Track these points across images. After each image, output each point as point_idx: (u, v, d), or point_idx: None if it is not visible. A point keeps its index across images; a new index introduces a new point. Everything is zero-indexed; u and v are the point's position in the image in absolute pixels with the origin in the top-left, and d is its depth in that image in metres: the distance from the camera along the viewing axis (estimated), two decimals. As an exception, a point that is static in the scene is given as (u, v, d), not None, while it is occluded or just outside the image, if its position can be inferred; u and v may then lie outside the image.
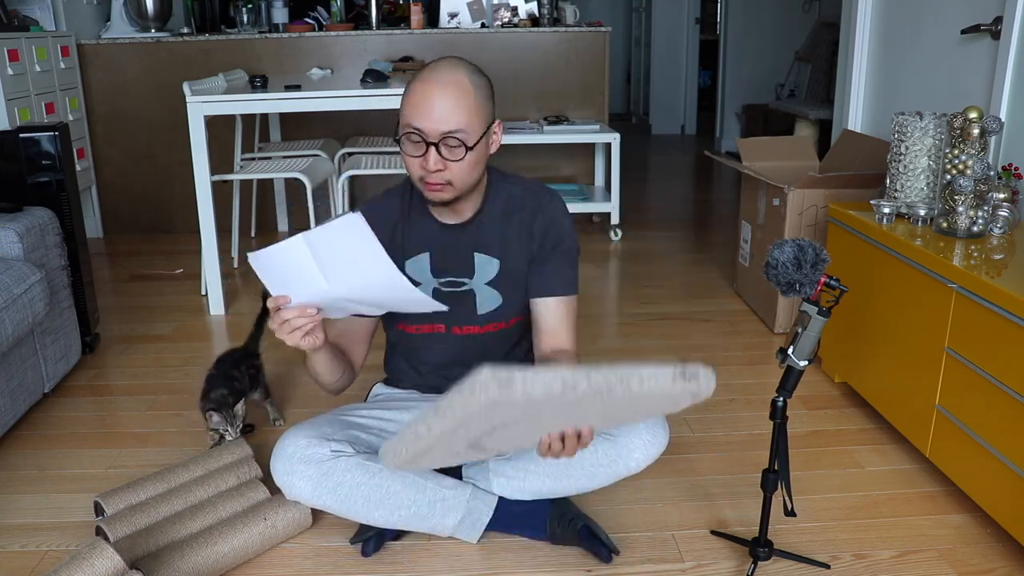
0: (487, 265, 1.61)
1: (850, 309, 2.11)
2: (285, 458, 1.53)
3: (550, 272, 1.61)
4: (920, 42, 2.67)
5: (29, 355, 2.15)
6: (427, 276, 1.62)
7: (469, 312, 1.63)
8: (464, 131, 1.44)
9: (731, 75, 6.83)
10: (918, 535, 1.67)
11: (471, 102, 1.45)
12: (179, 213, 4.11)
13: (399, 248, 1.61)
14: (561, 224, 1.61)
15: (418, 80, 1.46)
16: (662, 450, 1.60)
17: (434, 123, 1.42)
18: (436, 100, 1.42)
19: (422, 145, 1.44)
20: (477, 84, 1.47)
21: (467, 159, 1.46)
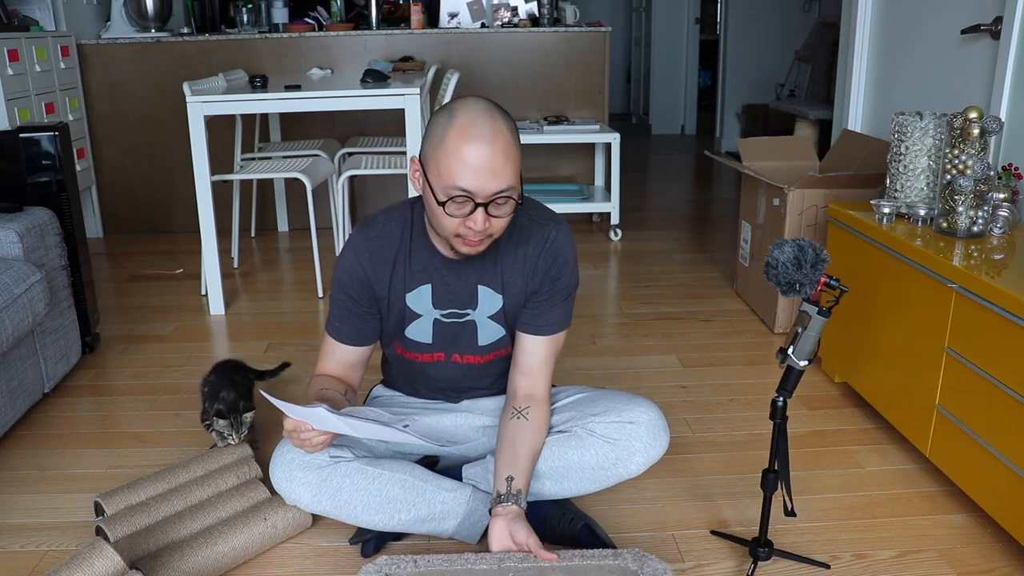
0: (491, 299, 1.57)
1: (850, 309, 2.11)
2: (284, 464, 1.53)
3: (543, 310, 1.57)
4: (920, 42, 2.67)
5: (29, 355, 2.15)
6: (427, 307, 1.58)
7: (471, 342, 1.61)
8: (513, 187, 1.36)
9: (731, 75, 6.84)
10: (918, 535, 1.67)
11: (516, 155, 1.36)
12: (179, 213, 4.12)
13: (400, 280, 1.56)
14: (565, 260, 1.56)
15: (458, 134, 1.33)
16: (662, 453, 1.60)
17: (487, 184, 1.33)
18: (486, 157, 1.32)
19: (469, 204, 1.35)
20: (513, 129, 1.38)
21: (511, 212, 1.40)
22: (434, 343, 1.62)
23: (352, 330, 1.60)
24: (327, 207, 4.00)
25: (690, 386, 2.36)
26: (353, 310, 1.58)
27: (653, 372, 2.44)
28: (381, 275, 1.55)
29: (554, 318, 1.58)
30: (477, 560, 1.43)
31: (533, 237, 1.54)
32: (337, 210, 3.45)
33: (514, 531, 1.42)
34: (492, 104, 1.39)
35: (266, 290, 3.30)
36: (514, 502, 1.45)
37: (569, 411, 1.65)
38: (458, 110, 1.36)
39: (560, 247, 1.55)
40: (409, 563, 1.42)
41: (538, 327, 1.58)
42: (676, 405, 2.22)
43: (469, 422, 1.71)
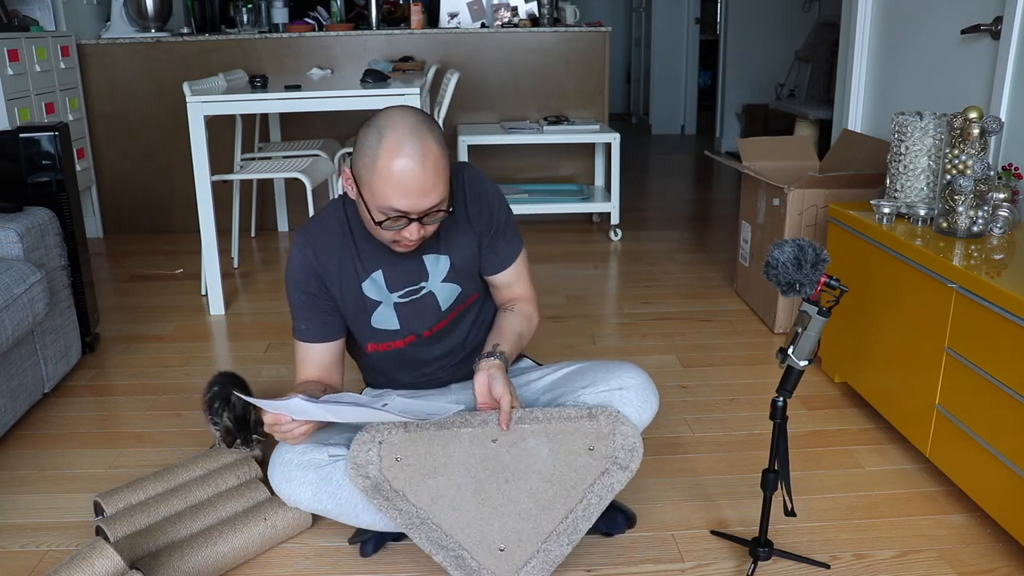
0: (437, 264, 1.61)
1: (850, 309, 2.11)
2: (283, 465, 1.53)
3: (498, 251, 1.64)
4: (920, 42, 2.67)
5: (29, 355, 2.15)
6: (384, 293, 1.60)
7: (435, 312, 1.64)
8: (444, 199, 1.42)
9: (731, 75, 6.83)
10: (918, 535, 1.67)
11: (444, 166, 1.40)
12: (179, 213, 4.12)
13: (352, 273, 1.59)
14: (489, 195, 1.61)
15: (387, 157, 1.36)
16: (653, 414, 1.60)
17: (420, 203, 1.39)
18: (418, 179, 1.36)
19: (403, 221, 1.41)
20: (439, 138, 1.41)
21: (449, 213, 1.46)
22: (401, 327, 1.64)
23: (318, 326, 1.61)
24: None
25: (690, 386, 2.36)
26: (314, 305, 1.60)
27: (653, 372, 2.41)
28: (330, 268, 1.58)
29: (512, 247, 1.66)
30: (463, 423, 1.49)
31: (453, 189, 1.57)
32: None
33: (492, 384, 1.48)
34: (418, 118, 1.41)
35: (266, 290, 3.30)
36: (497, 358, 1.51)
37: (559, 387, 1.66)
38: (386, 129, 1.38)
39: (474, 184, 1.60)
40: (399, 430, 1.49)
41: (499, 265, 1.65)
42: (676, 405, 2.22)
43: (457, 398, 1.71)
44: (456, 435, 1.48)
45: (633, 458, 1.47)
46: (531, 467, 1.45)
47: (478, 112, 4.22)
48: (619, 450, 1.47)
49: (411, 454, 1.47)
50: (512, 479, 1.45)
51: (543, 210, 3.96)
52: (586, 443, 1.48)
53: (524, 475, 1.45)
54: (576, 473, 1.45)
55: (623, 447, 1.47)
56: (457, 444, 1.48)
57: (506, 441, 1.47)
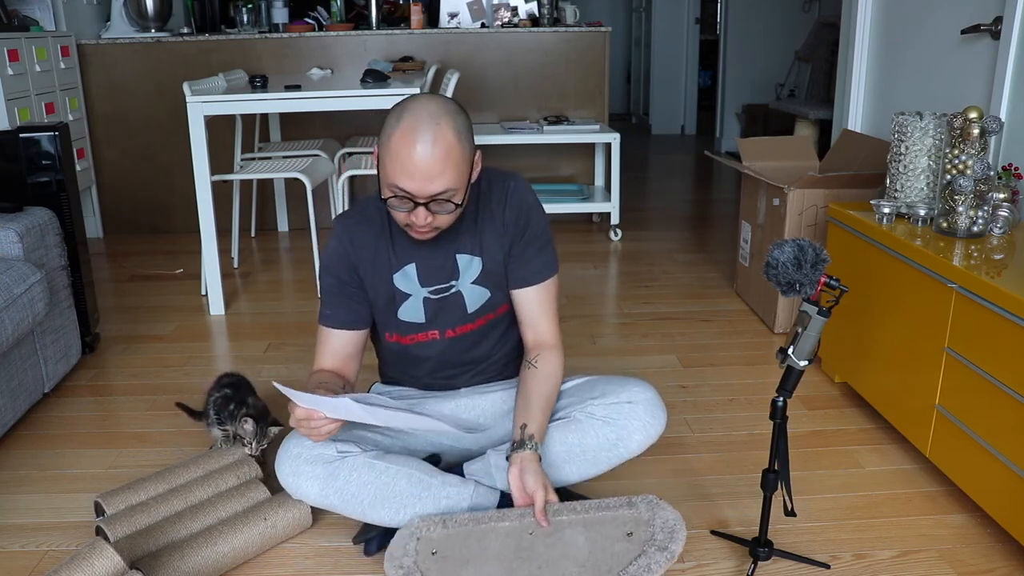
0: (470, 265, 1.61)
1: (850, 309, 2.11)
2: (291, 459, 1.54)
3: (526, 262, 1.62)
4: (920, 42, 2.67)
5: (29, 355, 2.15)
6: (415, 287, 1.62)
7: (461, 313, 1.65)
8: (453, 189, 1.42)
9: (731, 75, 6.84)
10: (918, 535, 1.67)
11: (458, 157, 1.41)
12: (179, 213, 4.11)
13: (385, 263, 1.61)
14: (529, 206, 1.61)
15: (400, 136, 1.39)
16: (661, 430, 1.62)
17: (425, 186, 1.40)
18: (424, 162, 1.38)
19: (409, 203, 1.42)
20: (460, 130, 1.42)
21: (459, 207, 1.46)
22: (427, 322, 1.65)
23: (345, 313, 1.63)
24: (327, 207, 4.00)
25: (690, 386, 2.36)
26: (343, 292, 1.62)
27: (653, 372, 2.44)
28: (364, 257, 1.60)
29: (540, 265, 1.63)
30: (500, 517, 1.50)
31: (494, 194, 1.60)
32: (337, 210, 3.45)
33: (525, 479, 1.47)
34: (443, 105, 1.43)
35: (266, 290, 3.30)
36: (528, 447, 1.51)
37: (567, 398, 1.67)
38: (407, 111, 1.41)
39: (521, 195, 1.61)
40: (438, 525, 1.50)
41: (526, 278, 1.63)
42: (676, 405, 2.22)
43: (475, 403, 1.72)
44: (493, 529, 1.49)
45: (673, 540, 1.42)
46: (566, 554, 1.44)
47: (478, 112, 4.22)
48: (658, 532, 1.44)
49: (447, 548, 1.47)
50: (546, 566, 1.42)
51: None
52: (624, 529, 1.47)
53: (558, 562, 1.43)
54: (613, 558, 1.42)
55: (663, 529, 1.45)
56: (494, 537, 1.48)
57: (542, 532, 1.47)
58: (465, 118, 1.45)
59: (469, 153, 1.44)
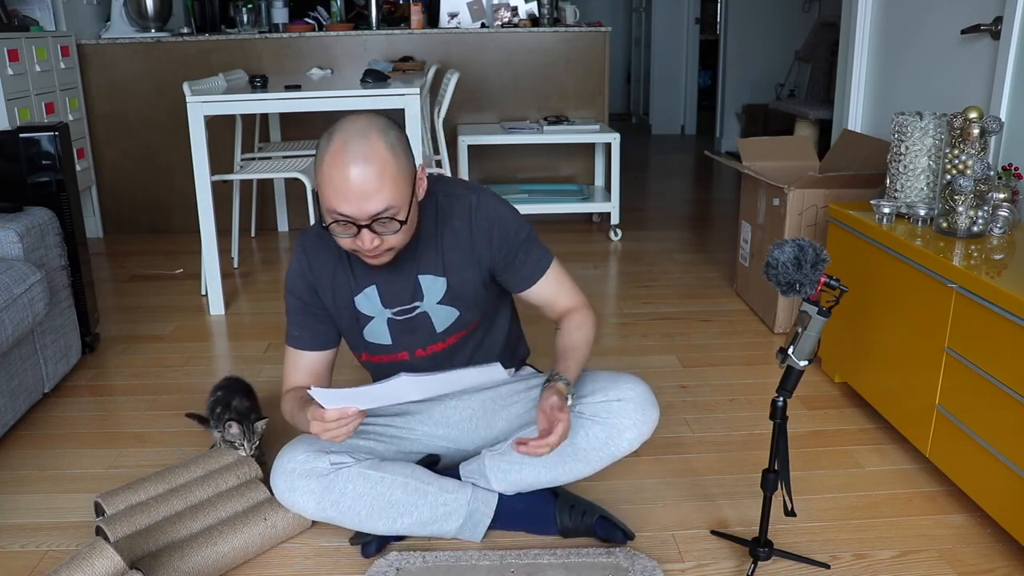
0: (433, 285, 1.57)
1: (850, 309, 2.11)
2: (286, 474, 1.54)
3: (519, 267, 1.58)
4: (920, 42, 2.67)
5: (29, 355, 2.15)
6: (378, 308, 1.58)
7: (429, 333, 1.61)
8: (393, 206, 1.36)
9: (731, 75, 6.83)
10: (918, 535, 1.67)
11: (394, 171, 1.35)
12: (179, 213, 4.11)
13: (345, 286, 1.57)
14: (499, 217, 1.55)
15: (331, 158, 1.33)
16: (653, 427, 1.60)
17: (363, 207, 1.34)
18: (358, 181, 1.32)
19: (352, 227, 1.37)
20: (393, 144, 1.36)
21: (404, 224, 1.39)
22: (394, 343, 1.61)
23: (312, 334, 1.61)
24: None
25: (690, 386, 2.36)
26: (308, 313, 1.60)
27: (653, 372, 2.44)
28: (323, 279, 1.57)
29: (534, 261, 1.59)
30: (480, 556, 1.51)
31: (455, 211, 1.54)
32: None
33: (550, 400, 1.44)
34: (371, 122, 1.37)
35: (266, 290, 3.30)
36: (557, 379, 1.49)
37: None
38: (336, 131, 1.36)
39: (487, 210, 1.54)
40: (418, 559, 1.52)
41: (528, 277, 1.60)
42: (676, 405, 2.22)
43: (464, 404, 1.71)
44: (473, 567, 1.50)
45: None
46: None
47: (478, 112, 4.22)
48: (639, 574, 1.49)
49: None
50: None
51: (543, 210, 3.96)
52: (604, 572, 1.50)
53: None
54: None
55: (642, 572, 1.49)
56: (474, 573, 1.49)
57: (523, 571, 1.48)
58: (398, 132, 1.40)
59: (407, 167, 1.38)
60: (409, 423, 1.69)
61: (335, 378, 1.71)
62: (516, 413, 1.69)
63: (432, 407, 1.71)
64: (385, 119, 1.40)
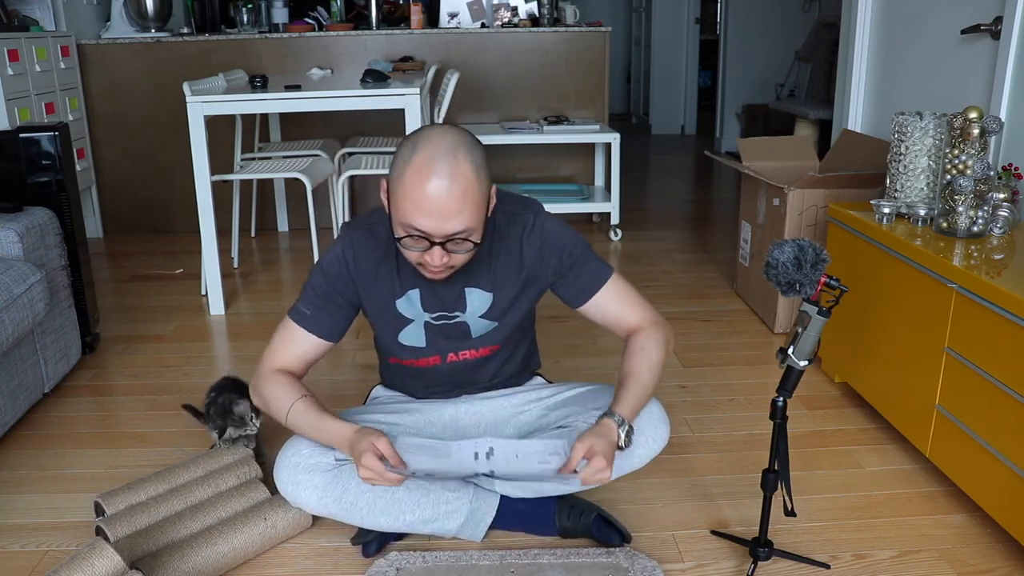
0: (480, 299, 1.56)
1: (850, 309, 2.11)
2: (289, 468, 1.53)
3: (574, 279, 1.56)
4: (920, 42, 2.67)
5: (29, 355, 2.15)
6: (418, 311, 1.57)
7: (464, 339, 1.61)
8: (471, 228, 1.35)
9: (731, 75, 6.83)
10: (918, 535, 1.67)
11: (476, 194, 1.33)
12: (179, 213, 4.11)
13: (387, 287, 1.55)
14: (554, 236, 1.55)
15: (415, 171, 1.31)
16: (663, 445, 1.61)
17: (442, 226, 1.32)
18: (441, 199, 1.30)
19: (425, 242, 1.35)
20: (478, 165, 1.34)
21: (477, 246, 1.39)
22: (428, 347, 1.61)
23: (326, 320, 1.55)
24: (327, 207, 4.00)
25: (690, 386, 2.36)
26: (331, 300, 1.54)
27: (653, 372, 2.44)
28: (365, 275, 1.54)
29: (589, 275, 1.57)
30: (481, 556, 1.52)
31: (512, 229, 1.53)
32: (337, 210, 3.45)
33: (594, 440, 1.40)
34: (459, 137, 1.35)
35: (266, 290, 3.30)
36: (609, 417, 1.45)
37: (570, 406, 1.66)
38: (420, 144, 1.33)
39: (541, 229, 1.54)
40: (418, 558, 1.52)
41: (583, 290, 1.57)
42: (676, 405, 2.22)
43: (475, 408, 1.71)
44: (473, 567, 1.50)
45: None
46: None
47: (478, 112, 4.22)
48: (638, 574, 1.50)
49: None
50: None
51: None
52: (605, 572, 1.50)
53: None
54: None
55: (642, 572, 1.50)
56: (474, 573, 1.49)
57: (523, 571, 1.48)
58: (482, 152, 1.38)
59: (486, 189, 1.37)
60: (417, 423, 1.69)
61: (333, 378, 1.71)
62: (525, 421, 1.69)
63: (442, 410, 1.70)
64: (470, 136, 1.38)
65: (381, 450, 1.37)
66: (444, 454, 1.42)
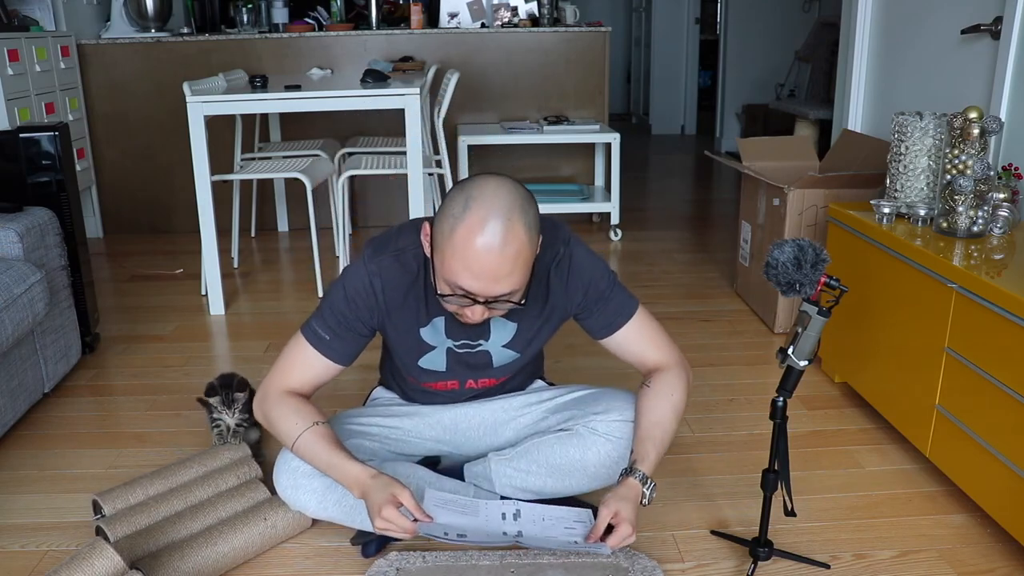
0: (503, 328, 1.56)
1: (850, 309, 2.11)
2: (289, 472, 1.53)
3: (600, 313, 1.56)
4: (920, 42, 2.67)
5: (29, 355, 2.15)
6: (441, 338, 1.56)
7: (486, 367, 1.61)
8: (518, 289, 1.33)
9: (731, 75, 6.83)
10: (918, 535, 1.67)
11: (527, 257, 1.30)
12: (179, 213, 4.11)
13: (413, 316, 1.51)
14: (585, 272, 1.53)
15: (467, 230, 1.25)
16: None
17: (490, 288, 1.29)
18: (493, 263, 1.26)
19: (469, 300, 1.32)
20: (531, 227, 1.30)
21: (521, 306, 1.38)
22: (447, 372, 1.61)
23: (345, 347, 1.52)
24: (327, 207, 4.00)
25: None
26: (348, 328, 1.50)
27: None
28: (392, 304, 1.49)
29: (615, 308, 1.57)
30: (481, 556, 1.51)
31: (542, 261, 1.48)
32: (337, 210, 3.45)
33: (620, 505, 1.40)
34: (514, 197, 1.29)
35: (266, 290, 3.30)
36: (633, 475, 1.44)
37: (571, 409, 1.65)
38: (474, 200, 1.27)
39: (569, 260, 1.52)
40: (418, 559, 1.52)
41: (608, 324, 1.57)
42: (676, 405, 2.22)
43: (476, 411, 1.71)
44: (473, 567, 1.50)
45: None
46: None
47: (478, 112, 4.22)
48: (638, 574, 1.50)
49: None
50: None
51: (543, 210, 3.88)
52: (605, 573, 1.50)
53: None
54: None
55: (642, 572, 1.50)
56: (473, 574, 1.49)
57: (523, 571, 1.48)
58: (536, 210, 1.34)
59: (536, 246, 1.34)
60: (417, 426, 1.69)
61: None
62: (524, 423, 1.69)
63: (442, 414, 1.70)
64: (524, 192, 1.33)
65: (405, 504, 1.35)
66: (472, 511, 1.45)
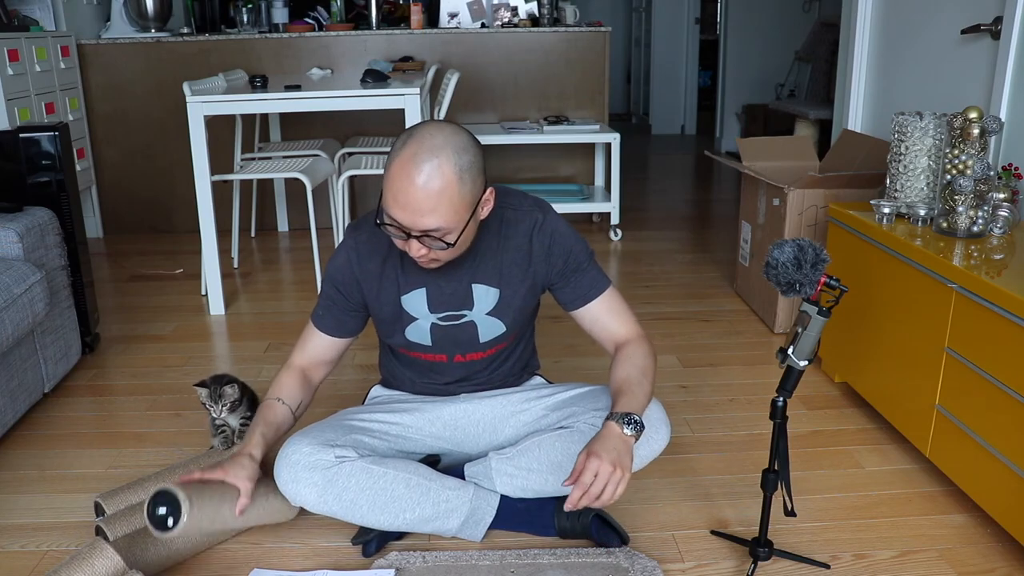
0: (486, 295, 1.59)
1: (850, 309, 2.11)
2: (290, 466, 1.54)
3: (575, 281, 1.60)
4: (920, 42, 2.67)
5: (29, 355, 2.15)
6: (424, 311, 1.59)
7: (472, 342, 1.63)
8: (444, 228, 1.37)
9: (731, 75, 6.83)
10: (918, 535, 1.67)
11: (452, 196, 1.34)
12: (179, 213, 4.12)
13: (392, 284, 1.58)
14: (562, 235, 1.58)
15: (399, 164, 1.34)
16: (663, 447, 1.62)
17: (415, 220, 1.35)
18: (418, 201, 1.33)
19: (402, 232, 1.39)
20: (463, 169, 1.35)
21: (452, 247, 1.41)
22: (434, 345, 1.64)
23: (334, 321, 1.65)
24: (327, 207, 4.00)
25: (690, 386, 2.36)
26: (336, 304, 1.63)
27: (653, 372, 2.44)
28: (370, 274, 1.58)
29: (590, 281, 1.61)
30: (480, 556, 1.52)
31: (521, 226, 1.57)
32: (337, 210, 3.45)
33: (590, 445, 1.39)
34: (450, 138, 1.35)
35: (266, 290, 3.30)
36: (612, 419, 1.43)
37: (571, 406, 1.66)
38: (412, 138, 1.35)
39: (551, 228, 1.58)
40: (418, 558, 1.52)
41: (582, 296, 1.61)
42: (676, 405, 2.22)
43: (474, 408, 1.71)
44: (473, 567, 1.51)
45: None
46: None
47: (478, 112, 4.22)
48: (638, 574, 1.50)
49: None
50: None
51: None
52: (605, 573, 1.50)
53: None
54: None
55: (642, 572, 1.50)
56: (474, 573, 1.50)
57: (523, 571, 1.49)
58: (473, 155, 1.38)
59: (471, 193, 1.38)
60: (417, 422, 1.69)
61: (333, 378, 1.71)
62: (524, 421, 1.70)
63: (441, 410, 1.71)
64: (466, 137, 1.38)
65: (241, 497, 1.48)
66: None
